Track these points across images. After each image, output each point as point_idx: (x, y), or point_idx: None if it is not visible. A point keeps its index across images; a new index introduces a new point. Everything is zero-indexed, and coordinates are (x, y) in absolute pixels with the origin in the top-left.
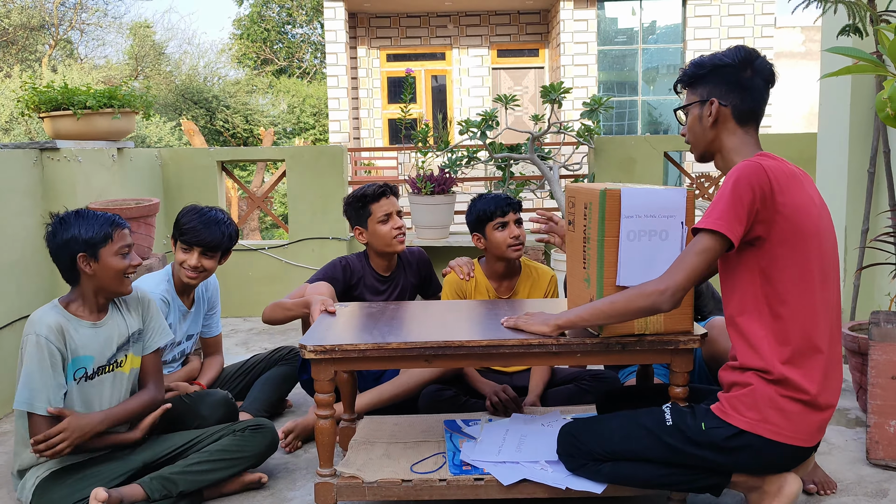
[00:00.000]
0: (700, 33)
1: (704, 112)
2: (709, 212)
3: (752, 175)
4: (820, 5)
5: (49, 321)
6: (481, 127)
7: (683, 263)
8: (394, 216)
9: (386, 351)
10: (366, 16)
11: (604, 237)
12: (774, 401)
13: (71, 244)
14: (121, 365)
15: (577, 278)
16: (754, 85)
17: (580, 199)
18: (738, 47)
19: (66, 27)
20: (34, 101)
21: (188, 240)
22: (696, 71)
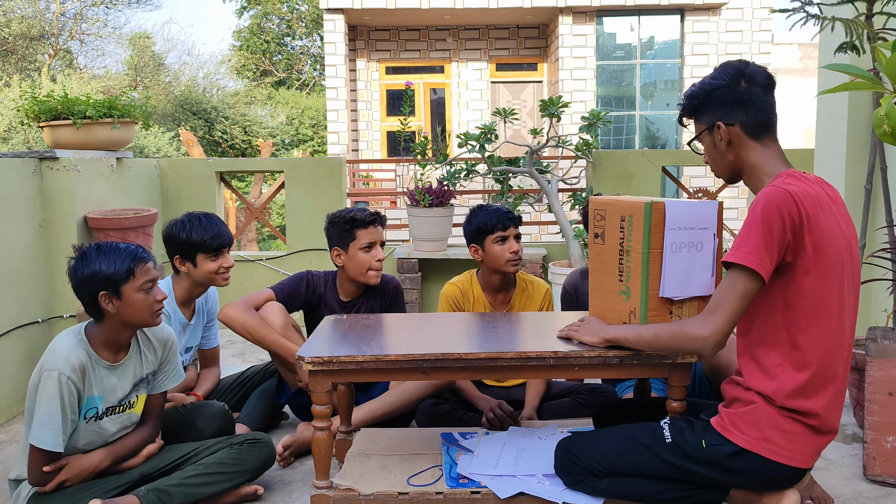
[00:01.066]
0: (698, 49)
1: (715, 137)
2: (739, 242)
3: (781, 204)
4: (817, 23)
5: (73, 360)
6: (480, 140)
7: (724, 307)
8: (377, 247)
9: (384, 363)
10: (365, 28)
11: (649, 249)
12: (776, 420)
13: (92, 281)
14: (133, 406)
15: (610, 291)
16: (753, 95)
17: (613, 212)
18: (723, 65)
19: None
20: (34, 111)
21: (217, 244)
22: (692, 102)
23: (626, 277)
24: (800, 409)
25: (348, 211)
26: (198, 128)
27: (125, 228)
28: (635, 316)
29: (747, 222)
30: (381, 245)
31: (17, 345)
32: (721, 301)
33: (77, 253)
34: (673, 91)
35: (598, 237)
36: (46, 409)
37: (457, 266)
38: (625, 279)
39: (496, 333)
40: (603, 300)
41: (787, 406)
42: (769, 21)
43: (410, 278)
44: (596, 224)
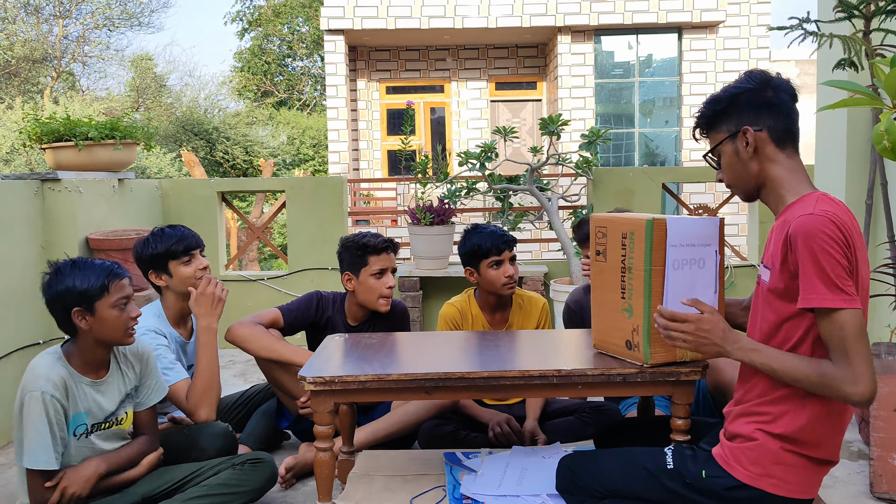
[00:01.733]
0: (696, 66)
1: (739, 144)
2: (818, 284)
3: (830, 232)
4: (815, 40)
5: (53, 377)
6: (480, 158)
7: (861, 355)
8: (388, 274)
9: (386, 382)
10: (366, 49)
11: (651, 266)
12: (779, 456)
13: (65, 296)
14: (121, 422)
15: (612, 308)
16: (781, 101)
17: (614, 229)
18: (749, 72)
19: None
20: (36, 133)
21: (184, 247)
22: (714, 108)
23: (628, 295)
24: (805, 443)
25: (362, 236)
26: (199, 148)
27: (127, 249)
28: (638, 333)
29: (809, 259)
30: (393, 272)
31: (18, 366)
32: (853, 350)
33: (51, 269)
34: (671, 108)
35: (599, 254)
36: (34, 430)
37: (458, 284)
38: (627, 296)
39: (498, 352)
40: (605, 318)
41: (793, 441)
42: (766, 38)
43: (412, 297)
44: (597, 241)
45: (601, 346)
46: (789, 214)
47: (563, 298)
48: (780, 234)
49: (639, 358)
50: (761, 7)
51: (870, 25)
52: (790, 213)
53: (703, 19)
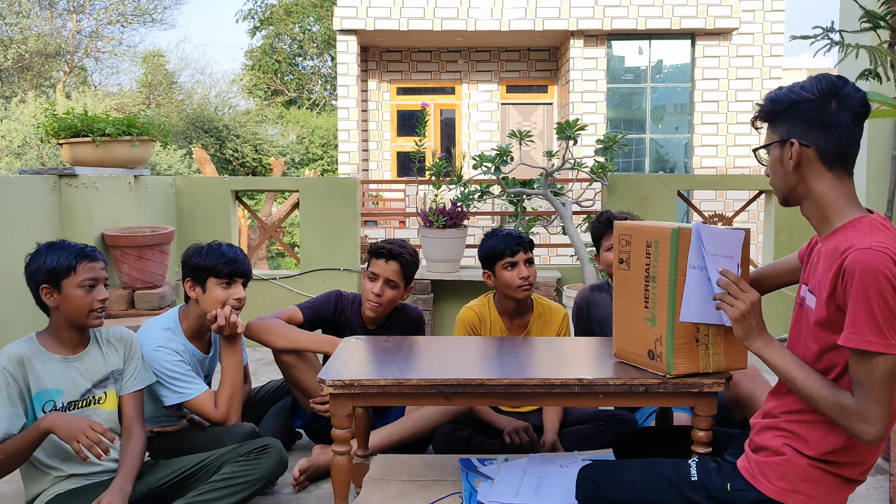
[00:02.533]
0: (708, 73)
1: (784, 154)
2: (857, 322)
3: (891, 274)
4: (841, 49)
5: (11, 352)
6: (496, 162)
7: (882, 400)
8: (379, 280)
9: (405, 387)
10: (377, 50)
11: (676, 276)
12: (807, 472)
13: (36, 274)
14: (99, 402)
15: (634, 318)
16: (841, 121)
17: (639, 237)
18: (819, 77)
19: (81, 55)
20: (53, 128)
21: (230, 270)
22: (772, 107)
23: (651, 304)
24: (836, 463)
25: (384, 241)
26: (209, 146)
27: (142, 246)
28: (661, 343)
29: (861, 298)
30: (388, 283)
31: None
32: (870, 389)
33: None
34: (683, 115)
35: (623, 262)
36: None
37: (470, 288)
38: (650, 306)
39: (517, 359)
40: (627, 326)
41: (823, 461)
42: (780, 46)
43: (423, 300)
44: (621, 249)
45: (622, 356)
46: (842, 241)
47: None
48: (831, 263)
49: (661, 368)
50: (775, 15)
51: (895, 36)
52: (843, 239)
53: (716, 26)
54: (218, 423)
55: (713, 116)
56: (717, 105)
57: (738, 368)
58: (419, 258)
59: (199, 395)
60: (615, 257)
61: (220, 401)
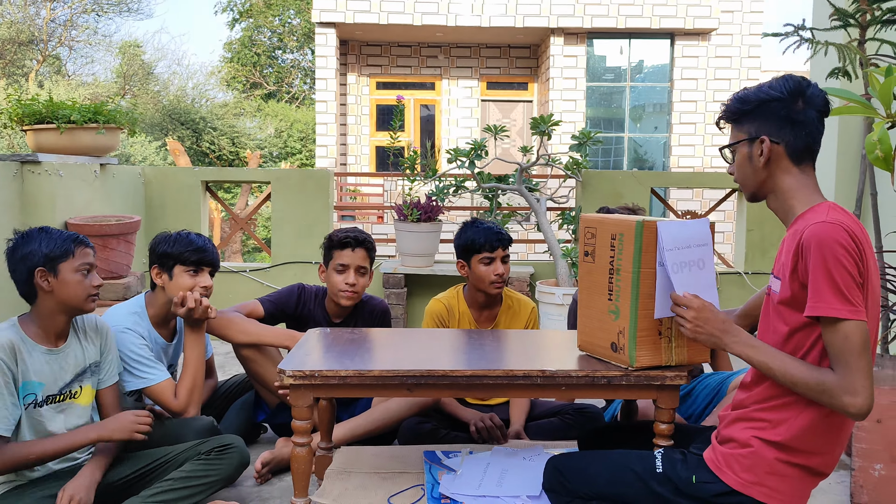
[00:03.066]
0: (687, 73)
1: (754, 151)
2: (820, 291)
3: (842, 241)
4: (811, 47)
5: (2, 341)
6: (470, 156)
7: (862, 368)
8: (349, 270)
9: (367, 378)
10: (357, 43)
11: (640, 269)
12: (773, 466)
13: (30, 258)
14: (75, 396)
15: (598, 310)
16: (807, 118)
17: (604, 230)
18: (786, 77)
19: (55, 43)
20: (18, 114)
21: (197, 258)
22: (740, 106)
23: (615, 296)
24: (804, 452)
25: (339, 231)
26: (185, 138)
27: (107, 235)
28: (624, 335)
29: (821, 267)
30: (359, 270)
31: None
32: (853, 362)
33: (17, 235)
34: (661, 114)
35: (587, 255)
36: None
37: (443, 282)
38: (614, 298)
39: (483, 350)
40: (592, 318)
41: (791, 449)
42: (758, 48)
43: (396, 294)
44: (586, 242)
45: (586, 348)
46: (801, 224)
47: (548, 300)
48: (792, 243)
49: (624, 361)
50: (754, 16)
51: (865, 35)
52: (802, 222)
53: (695, 26)
54: (176, 414)
55: (691, 116)
56: (695, 105)
57: (700, 362)
58: None
59: (160, 383)
60: (580, 250)
61: (180, 391)
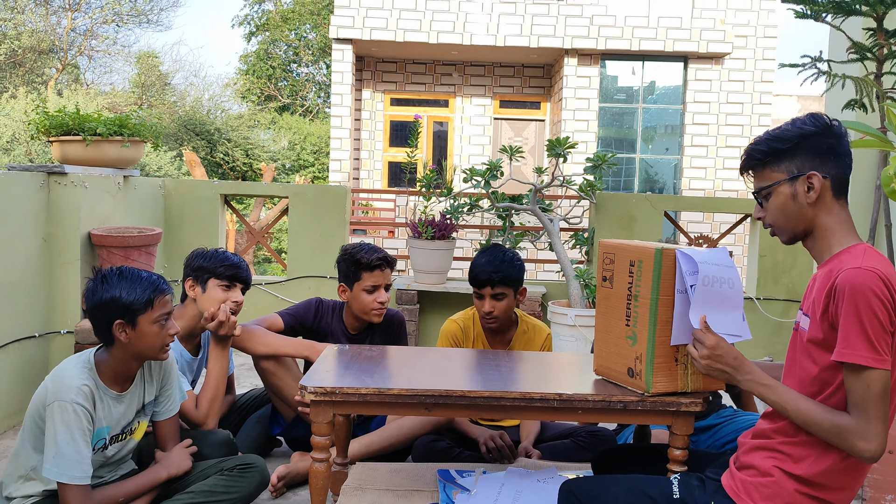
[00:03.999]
0: (700, 96)
1: (800, 189)
2: (849, 338)
3: (876, 289)
4: (828, 79)
5: (82, 387)
6: (485, 176)
7: (879, 415)
8: (381, 290)
9: (387, 396)
10: (373, 60)
11: (658, 296)
12: (793, 497)
13: (110, 307)
14: (133, 432)
15: (616, 335)
16: (844, 150)
17: (622, 256)
18: (812, 115)
19: (74, 52)
20: (45, 125)
21: (231, 273)
22: (778, 146)
23: (633, 322)
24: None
25: (359, 250)
26: (200, 148)
27: (129, 247)
28: (641, 361)
29: (852, 314)
30: (387, 288)
31: (13, 358)
32: (872, 408)
33: (97, 275)
34: (673, 136)
35: (606, 280)
36: (66, 442)
37: (456, 300)
38: (632, 324)
39: (499, 372)
40: (608, 343)
41: (812, 483)
42: (770, 73)
43: (409, 310)
44: (605, 267)
45: (602, 372)
46: (835, 265)
47: (561, 321)
48: (825, 284)
49: (640, 386)
50: (767, 42)
51: (882, 68)
52: (836, 263)
53: (709, 50)
54: (196, 425)
55: (703, 139)
56: (707, 128)
57: (714, 389)
58: None
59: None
60: (598, 275)
61: (201, 402)
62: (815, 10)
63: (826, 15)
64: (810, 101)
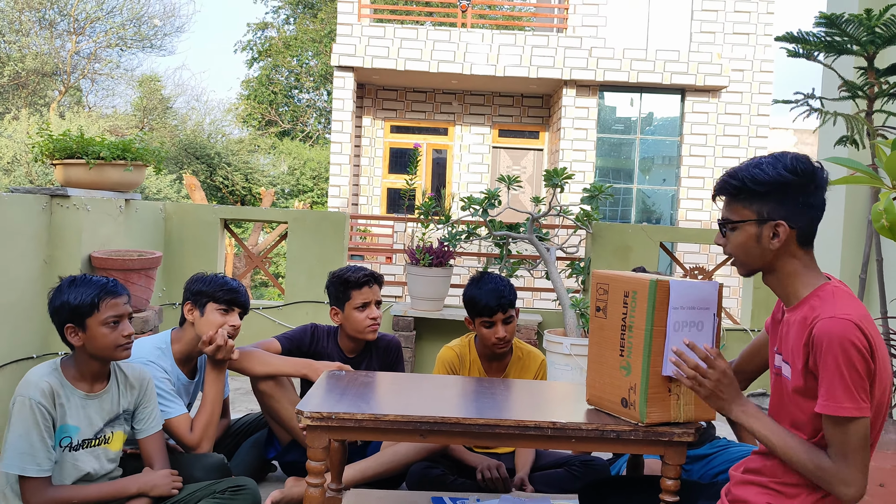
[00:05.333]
0: (697, 128)
1: (765, 233)
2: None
3: (860, 341)
4: (820, 116)
5: (42, 385)
6: (483, 205)
7: (858, 462)
8: (371, 306)
9: (382, 423)
10: (374, 87)
11: (652, 327)
12: None
13: (60, 312)
14: (108, 441)
15: (609, 366)
16: (819, 202)
17: (616, 287)
18: (796, 159)
19: (77, 75)
20: (49, 148)
21: (229, 298)
22: (754, 187)
23: (627, 353)
24: None
25: (344, 271)
26: (200, 172)
27: (129, 270)
28: (635, 392)
29: (832, 367)
30: (378, 304)
31: (11, 379)
32: (853, 454)
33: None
34: (670, 167)
35: (599, 311)
36: (22, 437)
37: (453, 327)
38: (626, 354)
39: (494, 400)
40: (603, 374)
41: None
42: (767, 107)
43: (405, 336)
44: (598, 298)
45: (595, 402)
46: (808, 311)
47: (556, 349)
48: (801, 333)
49: (634, 416)
50: (763, 76)
51: (872, 106)
52: (809, 309)
53: (706, 83)
54: (190, 449)
55: (700, 171)
56: (704, 160)
57: (706, 419)
58: None
59: (178, 416)
60: (592, 305)
61: (196, 425)
62: (807, 48)
63: (818, 54)
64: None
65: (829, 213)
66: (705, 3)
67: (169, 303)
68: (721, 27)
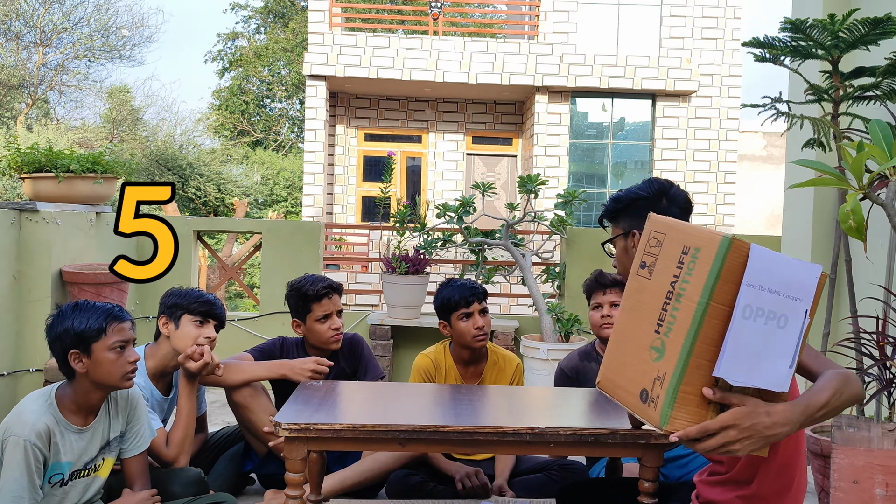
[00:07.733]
0: (668, 133)
1: (628, 244)
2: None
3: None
4: (787, 119)
5: (39, 427)
6: (458, 212)
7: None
8: (333, 317)
9: (360, 432)
10: (346, 96)
11: (709, 300)
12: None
13: (63, 338)
14: (97, 469)
15: (637, 343)
16: (670, 214)
17: (674, 239)
18: (651, 180)
19: (45, 87)
20: (17, 162)
21: (205, 310)
22: (615, 206)
23: (665, 330)
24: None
25: (302, 283)
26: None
27: (100, 283)
28: (662, 384)
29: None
30: (339, 314)
31: None
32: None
33: (56, 310)
34: (643, 171)
35: (644, 267)
36: (11, 477)
37: (430, 335)
38: (663, 332)
39: (472, 406)
40: (626, 353)
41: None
42: (736, 110)
43: (382, 345)
44: (647, 250)
45: (607, 388)
46: None
47: (534, 354)
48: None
49: (652, 418)
50: (732, 80)
51: (838, 109)
52: None
53: (676, 88)
54: (166, 463)
55: (672, 175)
56: (675, 164)
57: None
58: None
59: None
60: (637, 258)
61: (172, 440)
62: (773, 53)
63: (784, 58)
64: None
65: (798, 215)
66: (674, 10)
67: (142, 316)
68: (690, 32)
